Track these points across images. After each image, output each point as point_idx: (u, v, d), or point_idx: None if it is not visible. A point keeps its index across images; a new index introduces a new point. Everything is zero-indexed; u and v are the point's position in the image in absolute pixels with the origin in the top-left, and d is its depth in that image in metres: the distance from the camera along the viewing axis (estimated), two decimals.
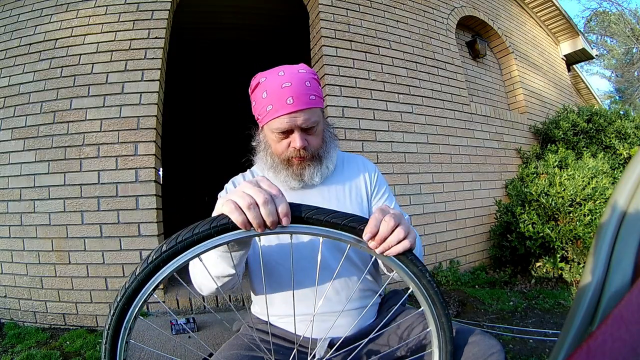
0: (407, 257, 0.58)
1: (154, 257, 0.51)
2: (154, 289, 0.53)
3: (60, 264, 2.20)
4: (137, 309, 0.53)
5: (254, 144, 0.94)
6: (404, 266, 0.58)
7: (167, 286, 2.41)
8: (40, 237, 2.23)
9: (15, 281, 2.23)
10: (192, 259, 0.52)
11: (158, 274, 0.52)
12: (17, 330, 2.08)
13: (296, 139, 0.81)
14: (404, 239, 0.56)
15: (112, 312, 0.52)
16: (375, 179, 0.95)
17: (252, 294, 0.93)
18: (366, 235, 0.55)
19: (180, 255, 0.52)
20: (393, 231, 0.56)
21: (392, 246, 0.56)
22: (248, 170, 1.00)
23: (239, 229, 0.52)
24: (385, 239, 0.56)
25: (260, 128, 0.89)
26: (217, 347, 0.85)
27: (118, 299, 0.52)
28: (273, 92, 0.78)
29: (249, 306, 0.98)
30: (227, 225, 0.52)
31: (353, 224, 0.55)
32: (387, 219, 0.57)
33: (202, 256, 0.73)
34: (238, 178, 0.97)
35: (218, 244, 0.53)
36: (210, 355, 0.83)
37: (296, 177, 0.85)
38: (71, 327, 2.17)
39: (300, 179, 0.85)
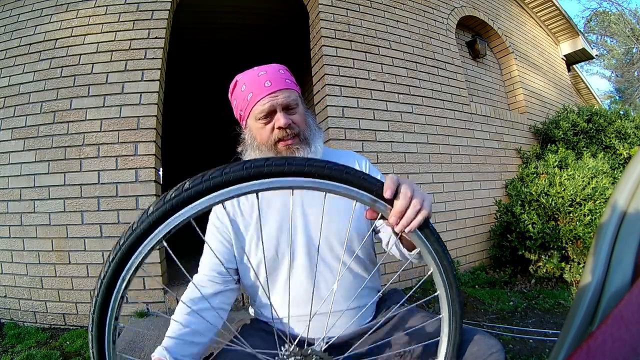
0: (432, 234, 0.56)
1: (174, 195, 0.45)
2: (164, 236, 0.46)
3: (60, 264, 2.20)
4: (143, 255, 0.47)
5: (239, 149, 0.93)
6: (427, 243, 0.56)
7: (167, 286, 2.41)
8: (40, 237, 2.23)
9: (15, 281, 2.23)
10: (215, 204, 0.46)
11: (174, 216, 0.46)
12: (17, 330, 2.08)
13: (280, 117, 0.82)
14: (420, 208, 0.53)
15: (118, 248, 0.46)
16: (367, 169, 0.95)
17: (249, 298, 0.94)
18: (391, 217, 0.53)
19: (204, 198, 0.45)
20: (410, 203, 0.53)
21: (411, 221, 0.53)
22: None
23: (275, 177, 0.48)
24: (404, 213, 0.53)
25: (244, 126, 0.91)
26: (217, 347, 0.85)
27: (127, 235, 0.46)
28: (251, 82, 0.84)
29: (249, 307, 0.98)
30: (262, 169, 0.47)
31: (368, 184, 0.51)
32: (403, 190, 0.53)
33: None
34: None
35: (247, 191, 0.47)
36: (211, 355, 0.83)
37: None
38: (71, 327, 2.17)
39: None
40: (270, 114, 0.83)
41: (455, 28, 3.59)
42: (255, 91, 0.83)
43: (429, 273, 0.59)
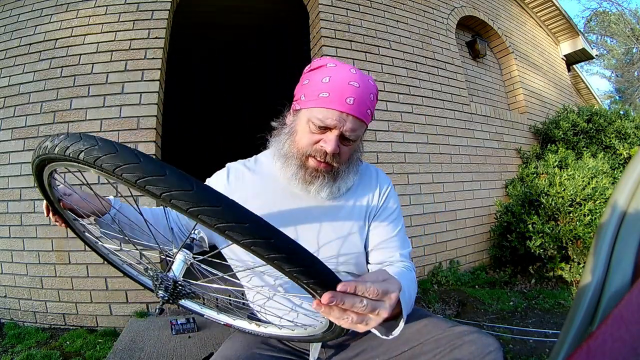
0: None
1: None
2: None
3: (60, 264, 2.20)
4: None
5: (274, 124, 0.85)
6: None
7: None
8: (40, 237, 2.23)
9: (15, 281, 2.23)
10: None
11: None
12: (17, 330, 2.08)
13: (331, 141, 0.72)
14: (357, 323, 0.49)
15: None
16: (385, 196, 0.86)
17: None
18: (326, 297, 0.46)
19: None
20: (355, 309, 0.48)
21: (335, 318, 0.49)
22: (253, 156, 0.90)
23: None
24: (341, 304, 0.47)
25: (293, 111, 0.81)
26: (217, 347, 0.85)
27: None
28: (337, 83, 0.71)
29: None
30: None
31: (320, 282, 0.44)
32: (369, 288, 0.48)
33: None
34: (237, 166, 0.88)
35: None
36: (211, 355, 0.83)
37: (304, 182, 0.77)
38: (71, 327, 2.17)
39: (305, 186, 0.78)
40: (326, 129, 0.73)
41: (455, 28, 3.59)
42: (333, 95, 0.71)
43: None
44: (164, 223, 0.86)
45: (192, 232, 0.73)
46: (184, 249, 0.63)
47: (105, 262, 0.84)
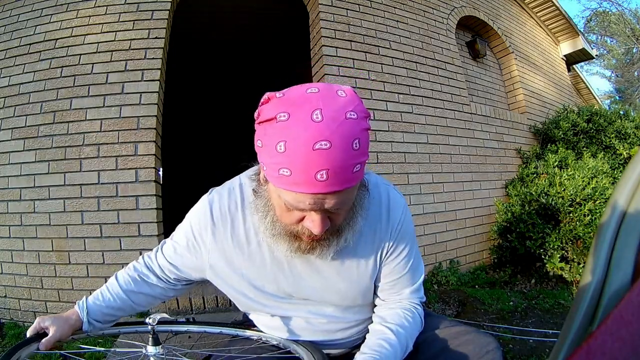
0: None
1: None
2: None
3: (60, 264, 2.20)
4: None
5: (252, 175, 0.71)
6: None
7: None
8: (40, 237, 2.23)
9: (15, 281, 2.23)
10: None
11: None
12: (17, 330, 2.08)
13: (316, 224, 0.57)
14: None
15: None
16: (398, 231, 0.73)
17: None
18: None
19: None
20: None
21: None
22: (237, 183, 0.75)
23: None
24: None
25: (262, 178, 0.65)
26: (217, 347, 0.85)
27: None
28: (298, 153, 0.50)
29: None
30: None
31: None
32: None
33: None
34: (222, 202, 0.74)
35: None
36: (210, 356, 0.83)
37: (300, 252, 0.65)
38: None
39: (304, 254, 0.66)
40: (304, 210, 0.57)
41: (455, 28, 3.59)
42: (297, 174, 0.51)
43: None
44: (146, 290, 0.84)
45: (148, 323, 0.74)
46: (149, 347, 0.73)
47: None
